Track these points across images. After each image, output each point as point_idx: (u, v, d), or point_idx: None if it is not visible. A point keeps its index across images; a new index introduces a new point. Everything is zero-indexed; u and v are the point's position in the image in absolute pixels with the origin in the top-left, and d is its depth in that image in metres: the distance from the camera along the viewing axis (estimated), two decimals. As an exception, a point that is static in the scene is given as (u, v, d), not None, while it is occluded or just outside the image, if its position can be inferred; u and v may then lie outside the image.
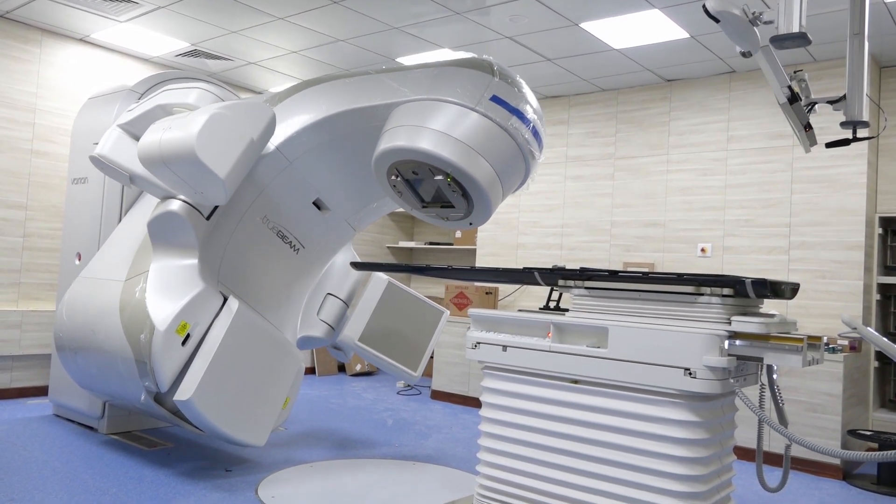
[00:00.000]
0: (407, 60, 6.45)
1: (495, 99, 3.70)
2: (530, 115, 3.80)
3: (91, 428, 4.90)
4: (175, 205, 3.92)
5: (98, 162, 4.11)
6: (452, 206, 3.76)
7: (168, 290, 3.86)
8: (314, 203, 4.52)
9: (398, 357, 4.69)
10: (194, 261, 3.92)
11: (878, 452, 2.35)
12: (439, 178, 3.60)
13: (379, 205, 4.73)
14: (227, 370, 3.78)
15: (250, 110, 3.77)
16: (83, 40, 6.33)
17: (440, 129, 3.61)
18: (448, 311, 5.05)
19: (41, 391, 5.79)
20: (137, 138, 4.04)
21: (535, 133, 3.83)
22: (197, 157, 3.44)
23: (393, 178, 3.80)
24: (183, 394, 3.62)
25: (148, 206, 4.47)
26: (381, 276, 4.77)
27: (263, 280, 4.32)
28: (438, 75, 3.89)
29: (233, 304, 3.92)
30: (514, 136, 3.69)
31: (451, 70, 3.89)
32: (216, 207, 4.05)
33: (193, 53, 6.56)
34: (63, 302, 4.42)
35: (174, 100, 4.25)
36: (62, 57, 6.22)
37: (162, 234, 3.99)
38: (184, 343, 3.75)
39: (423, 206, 3.89)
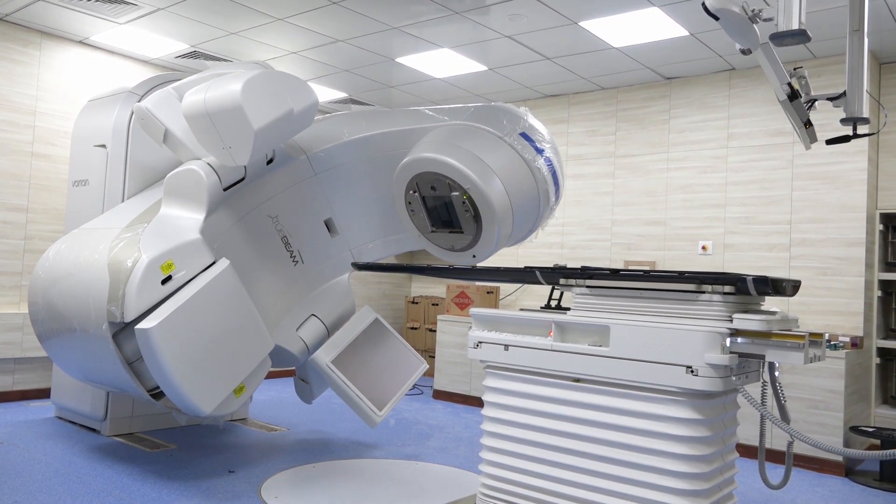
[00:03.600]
0: (406, 61, 6.45)
1: (524, 136, 3.98)
2: (551, 155, 4.06)
3: (93, 430, 4.90)
4: (198, 163, 4.00)
5: (141, 111, 4.16)
6: (460, 232, 3.90)
7: (165, 234, 3.84)
8: (326, 223, 4.60)
9: (366, 393, 4.47)
10: (199, 218, 3.93)
11: (879, 451, 2.35)
12: (456, 193, 3.76)
13: (385, 242, 4.74)
14: (197, 320, 3.63)
15: (298, 86, 3.97)
16: (82, 43, 6.33)
17: (467, 149, 3.82)
18: (426, 365, 4.87)
19: (44, 394, 5.80)
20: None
21: (554, 175, 4.05)
22: (240, 102, 3.58)
23: (411, 192, 3.97)
24: (146, 322, 3.44)
25: (156, 193, 4.49)
26: (370, 311, 4.74)
27: (252, 274, 4.28)
28: (475, 110, 4.23)
29: (224, 261, 3.85)
30: (534, 174, 3.93)
31: (488, 107, 4.25)
32: (234, 183, 4.10)
33: (193, 55, 6.56)
34: (53, 246, 4.28)
35: (228, 70, 4.37)
36: (62, 59, 6.23)
37: (177, 188, 4.04)
38: (163, 282, 3.65)
39: (432, 231, 4.04)
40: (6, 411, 5.37)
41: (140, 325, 3.45)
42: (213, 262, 3.84)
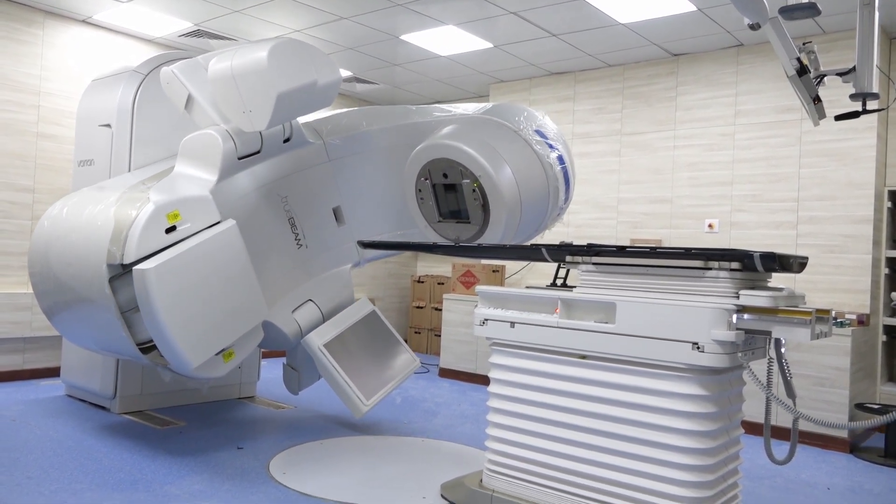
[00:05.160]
0: (411, 38, 6.40)
1: (539, 132, 4.10)
2: (564, 155, 4.16)
3: (103, 408, 4.95)
4: (216, 128, 4.04)
5: (167, 75, 4.20)
6: (467, 222, 3.99)
7: (175, 188, 3.85)
8: (334, 211, 4.65)
9: (355, 381, 4.38)
10: (212, 179, 3.95)
11: (881, 416, 2.36)
12: (466, 181, 3.85)
13: (391, 237, 4.76)
14: (196, 271, 3.62)
15: (325, 61, 4.01)
16: (86, 22, 6.30)
17: (482, 139, 3.90)
18: (419, 363, 4.82)
19: (53, 372, 5.85)
20: None
21: (566, 175, 4.16)
22: (266, 65, 3.65)
23: (422, 179, 4.06)
24: (145, 264, 3.45)
25: (164, 165, 4.50)
26: (368, 303, 4.74)
27: (255, 247, 4.25)
28: (493, 106, 4.34)
29: (231, 221, 3.87)
30: (545, 169, 4.02)
31: (505, 104, 4.38)
32: (250, 155, 4.15)
33: (197, 33, 6.53)
34: (60, 201, 4.27)
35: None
36: (65, 39, 6.20)
37: (192, 150, 4.07)
38: (167, 231, 3.64)
39: (439, 221, 4.11)
40: (17, 390, 5.42)
41: (139, 266, 3.46)
42: (220, 222, 3.85)
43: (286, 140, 4.38)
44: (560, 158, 4.14)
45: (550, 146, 4.13)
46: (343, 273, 4.75)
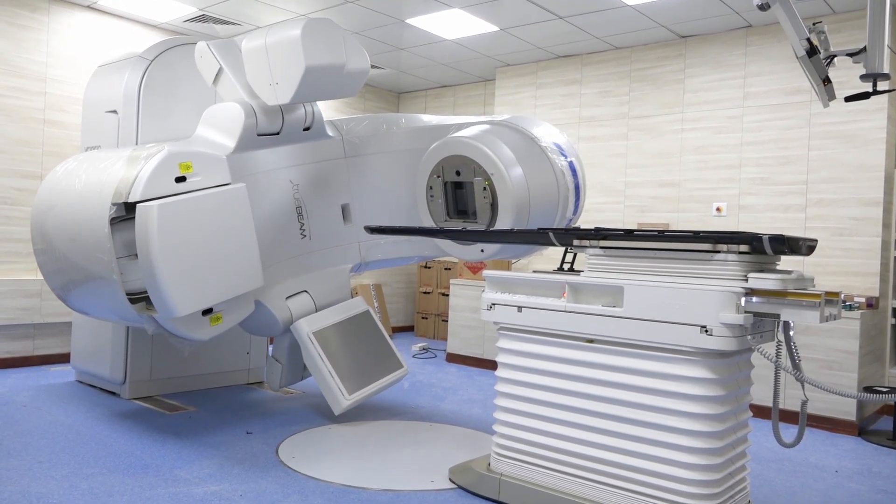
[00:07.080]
0: (416, 22, 6.36)
1: (556, 145, 4.23)
2: (578, 168, 4.26)
3: (113, 393, 4.99)
4: (241, 102, 4.08)
5: (200, 48, 4.26)
6: (474, 221, 4.07)
7: (192, 146, 3.89)
8: (342, 207, 4.70)
9: (339, 375, 4.33)
10: (229, 145, 3.97)
11: (886, 394, 2.34)
12: (478, 178, 3.93)
13: (395, 240, 4.76)
14: (199, 221, 3.66)
15: (356, 48, 4.10)
16: (90, 7, 6.28)
17: (499, 140, 4.00)
18: (407, 370, 4.77)
19: (64, 358, 5.90)
20: None
21: (577, 187, 4.25)
22: (299, 36, 3.73)
23: (435, 177, 4.13)
24: (150, 202, 3.50)
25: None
26: (363, 302, 4.75)
27: (260, 227, 4.27)
28: (512, 116, 4.43)
29: (241, 184, 3.89)
30: (557, 177, 4.09)
31: (525, 116, 4.52)
32: (269, 134, 4.17)
33: (201, 19, 6.50)
34: (71, 157, 4.28)
35: None
36: (70, 25, 6.18)
37: (214, 119, 4.11)
38: (177, 181, 3.67)
39: (446, 220, 4.19)
40: (28, 376, 5.47)
41: (143, 203, 3.49)
42: (230, 184, 3.88)
43: (306, 129, 4.38)
44: (573, 170, 4.22)
45: (564, 155, 4.21)
46: (342, 273, 4.75)
